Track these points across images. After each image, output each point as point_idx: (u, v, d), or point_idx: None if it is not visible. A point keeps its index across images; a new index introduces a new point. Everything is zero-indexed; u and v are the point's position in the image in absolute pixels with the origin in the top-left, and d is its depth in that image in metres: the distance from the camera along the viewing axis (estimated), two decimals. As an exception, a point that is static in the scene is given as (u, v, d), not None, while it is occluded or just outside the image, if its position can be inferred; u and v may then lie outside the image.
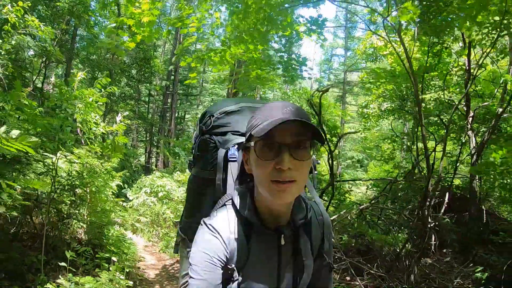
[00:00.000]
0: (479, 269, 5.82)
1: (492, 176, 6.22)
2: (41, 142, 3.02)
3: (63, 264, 2.98)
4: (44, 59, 12.58)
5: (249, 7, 4.36)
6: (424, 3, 4.88)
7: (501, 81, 8.38)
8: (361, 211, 5.41)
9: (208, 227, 1.04)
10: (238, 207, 1.07)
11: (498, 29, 5.09)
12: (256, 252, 1.05)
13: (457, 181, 9.02)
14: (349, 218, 5.37)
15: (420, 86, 7.81)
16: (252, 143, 0.99)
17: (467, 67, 7.61)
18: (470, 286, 5.71)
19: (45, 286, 2.96)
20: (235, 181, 1.17)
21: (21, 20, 7.51)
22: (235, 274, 1.02)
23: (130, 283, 3.46)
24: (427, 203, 8.26)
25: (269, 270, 1.07)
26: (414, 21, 4.25)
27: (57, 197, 3.76)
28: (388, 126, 13.92)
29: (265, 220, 1.06)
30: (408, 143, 9.48)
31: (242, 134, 1.22)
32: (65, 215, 3.97)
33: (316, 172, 1.30)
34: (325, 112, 16.47)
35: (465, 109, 7.98)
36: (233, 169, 1.21)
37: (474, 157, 7.15)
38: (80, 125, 4.02)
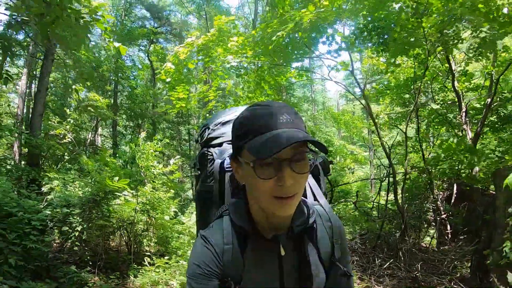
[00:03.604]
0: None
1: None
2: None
3: (147, 253, 5.07)
4: (97, 118, 15.56)
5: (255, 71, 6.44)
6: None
7: (485, 73, 9.67)
8: (355, 205, 7.07)
9: (202, 239, 1.06)
10: (232, 216, 1.07)
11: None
12: (254, 263, 1.04)
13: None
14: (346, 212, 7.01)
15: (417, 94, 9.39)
16: (251, 164, 0.93)
17: (450, 68, 8.99)
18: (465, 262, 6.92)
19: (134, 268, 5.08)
20: (232, 191, 1.20)
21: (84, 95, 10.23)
22: (232, 286, 1.02)
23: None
24: (437, 196, 9.55)
25: (269, 281, 1.05)
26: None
27: (136, 219, 5.95)
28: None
29: (262, 229, 1.06)
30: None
31: None
32: (142, 230, 6.15)
33: (330, 174, 1.42)
34: (350, 126, 18.00)
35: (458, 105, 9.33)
36: (230, 179, 1.24)
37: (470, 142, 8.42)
38: (143, 169, 6.26)
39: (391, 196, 9.61)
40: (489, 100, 9.17)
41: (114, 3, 19.84)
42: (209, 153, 1.36)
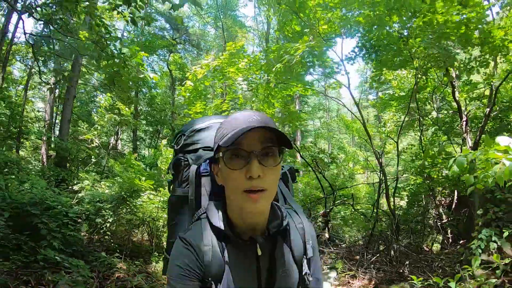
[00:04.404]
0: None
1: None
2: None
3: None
4: (119, 125, 16.71)
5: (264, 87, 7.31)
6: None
7: (483, 85, 10.15)
8: (353, 207, 7.82)
9: (181, 241, 1.10)
10: (210, 218, 1.13)
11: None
12: (233, 264, 1.09)
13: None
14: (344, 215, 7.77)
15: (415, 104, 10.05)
16: (221, 154, 1.04)
17: (450, 80, 9.59)
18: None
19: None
20: (209, 195, 1.27)
21: (110, 105, 11.33)
22: (213, 287, 1.06)
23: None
24: (436, 203, 10.12)
25: (249, 281, 1.11)
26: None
27: (157, 215, 6.88)
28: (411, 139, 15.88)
29: (239, 230, 1.12)
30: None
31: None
32: (162, 226, 7.07)
33: (296, 181, 1.52)
34: (361, 133, 18.62)
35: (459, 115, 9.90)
36: (206, 184, 1.30)
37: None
38: (164, 172, 7.19)
39: (396, 199, 10.30)
40: (488, 109, 9.72)
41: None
42: (184, 159, 1.42)
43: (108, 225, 5.98)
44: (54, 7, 4.57)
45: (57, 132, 15.95)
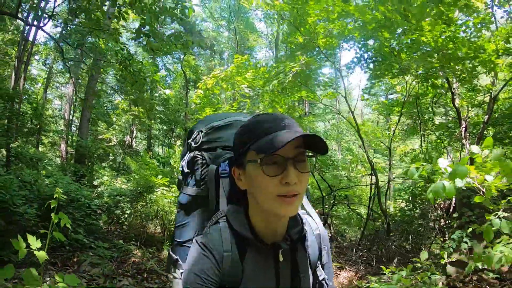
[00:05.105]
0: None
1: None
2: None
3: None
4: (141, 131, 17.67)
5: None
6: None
7: (483, 92, 10.59)
8: (349, 207, 8.49)
9: (200, 246, 1.08)
10: (232, 223, 1.10)
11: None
12: (252, 270, 1.08)
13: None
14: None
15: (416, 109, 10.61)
16: (259, 160, 1.01)
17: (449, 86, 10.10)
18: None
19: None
20: (228, 197, 1.23)
21: (127, 107, 12.24)
22: None
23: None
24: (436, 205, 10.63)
25: (267, 286, 1.10)
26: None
27: (170, 209, 7.69)
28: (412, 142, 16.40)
29: (261, 235, 1.11)
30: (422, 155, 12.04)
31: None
32: (173, 219, 7.88)
33: (308, 185, 1.38)
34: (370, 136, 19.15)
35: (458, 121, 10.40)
36: (224, 185, 1.25)
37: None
38: (176, 170, 8.02)
39: (399, 201, 10.86)
40: (486, 117, 10.18)
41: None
42: (201, 157, 1.36)
43: (126, 216, 6.82)
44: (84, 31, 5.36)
45: (73, 129, 16.99)
